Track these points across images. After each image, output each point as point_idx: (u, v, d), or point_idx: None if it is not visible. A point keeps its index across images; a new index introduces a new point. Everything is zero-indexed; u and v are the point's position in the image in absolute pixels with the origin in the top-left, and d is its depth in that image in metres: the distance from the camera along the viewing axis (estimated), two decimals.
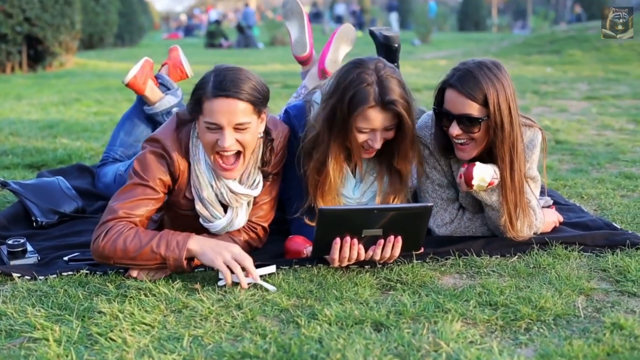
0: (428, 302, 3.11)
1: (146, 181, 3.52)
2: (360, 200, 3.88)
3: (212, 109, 3.36)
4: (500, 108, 3.57)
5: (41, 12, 15.35)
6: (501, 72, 3.61)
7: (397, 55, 4.84)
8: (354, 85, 3.52)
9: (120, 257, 3.34)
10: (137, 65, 4.88)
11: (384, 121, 3.55)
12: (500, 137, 3.63)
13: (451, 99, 3.64)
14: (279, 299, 3.15)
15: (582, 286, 3.30)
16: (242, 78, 3.41)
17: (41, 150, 6.47)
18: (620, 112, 9.47)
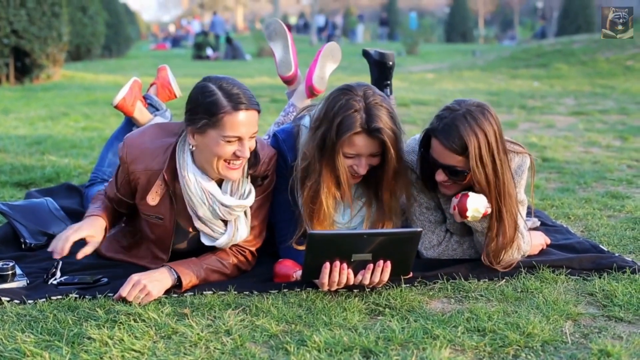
0: (417, 327, 3.12)
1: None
2: (349, 224, 3.89)
3: (235, 122, 3.41)
4: (483, 160, 3.60)
5: (28, 25, 15.33)
6: (485, 118, 3.61)
7: (390, 73, 4.85)
8: (342, 111, 3.56)
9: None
10: (126, 86, 4.87)
11: (369, 147, 3.59)
12: (486, 186, 3.66)
13: (437, 149, 3.67)
14: (268, 325, 3.15)
15: (569, 311, 3.32)
16: (245, 88, 3.51)
17: (29, 168, 6.45)
18: (607, 128, 9.52)
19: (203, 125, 3.45)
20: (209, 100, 3.42)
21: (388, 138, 3.55)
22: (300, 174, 3.74)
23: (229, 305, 3.39)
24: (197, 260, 3.65)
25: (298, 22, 71.71)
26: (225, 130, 3.42)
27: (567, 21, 39.82)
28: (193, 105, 3.49)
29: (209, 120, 3.43)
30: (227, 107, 3.40)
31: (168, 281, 3.51)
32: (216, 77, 3.53)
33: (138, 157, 3.64)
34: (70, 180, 6.05)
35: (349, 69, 23.60)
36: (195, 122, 3.47)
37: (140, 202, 3.75)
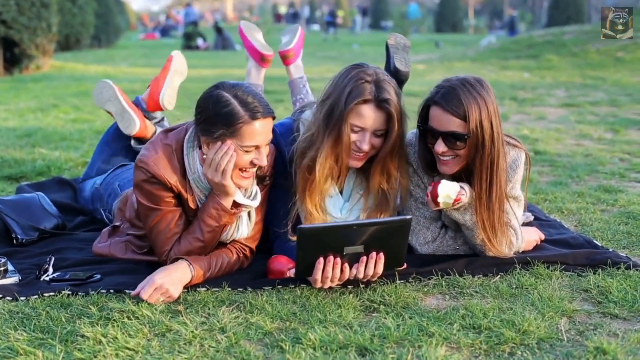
0: (412, 325, 3.11)
1: (158, 206, 3.62)
2: (347, 219, 3.89)
3: (253, 131, 3.40)
4: (482, 125, 3.60)
5: (18, 15, 15.24)
6: (484, 89, 3.64)
7: (401, 86, 4.81)
8: (352, 81, 3.62)
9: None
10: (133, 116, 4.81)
11: (376, 120, 3.61)
12: (480, 153, 3.65)
13: (436, 116, 3.66)
14: (263, 322, 3.14)
15: (564, 308, 3.31)
16: (259, 95, 3.49)
17: (20, 162, 6.42)
18: (598, 120, 9.52)
19: (220, 135, 3.42)
20: (226, 110, 3.39)
21: (395, 111, 3.59)
22: (302, 144, 3.78)
23: (223, 302, 3.38)
24: (208, 258, 3.64)
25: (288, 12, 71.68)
26: (243, 140, 3.41)
27: (557, 11, 39.76)
28: (208, 116, 3.44)
29: (226, 130, 3.40)
30: (245, 116, 3.38)
31: (187, 279, 3.50)
32: (230, 85, 3.48)
33: (166, 170, 3.56)
34: (62, 174, 6.02)
35: (339, 59, 23.65)
36: (211, 132, 3.44)
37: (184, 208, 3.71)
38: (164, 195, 3.60)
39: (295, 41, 5.10)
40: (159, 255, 3.70)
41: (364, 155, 3.71)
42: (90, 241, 4.18)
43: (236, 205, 3.59)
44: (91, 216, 4.73)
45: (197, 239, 3.62)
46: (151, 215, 3.65)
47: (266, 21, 38.84)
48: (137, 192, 3.68)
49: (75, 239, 4.35)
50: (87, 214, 4.77)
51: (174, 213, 3.65)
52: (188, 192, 3.62)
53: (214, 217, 3.57)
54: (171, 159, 3.59)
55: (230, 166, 3.42)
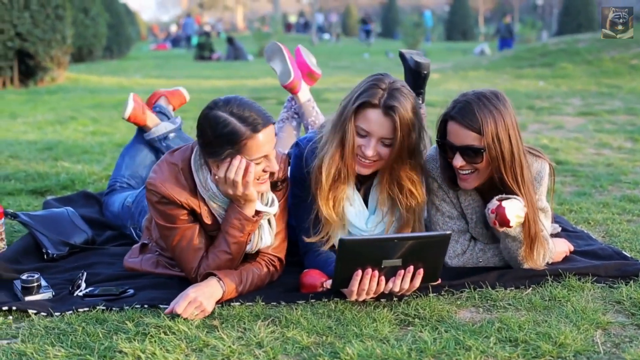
0: (448, 338, 3.11)
1: (175, 225, 3.64)
2: (373, 232, 3.89)
3: (258, 144, 3.41)
4: (499, 138, 3.61)
5: (32, 27, 15.31)
6: (500, 102, 3.65)
7: (424, 82, 4.84)
8: (366, 85, 3.66)
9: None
10: (130, 100, 5.00)
11: (382, 127, 3.63)
12: (502, 167, 3.66)
13: (453, 130, 3.68)
14: (299, 336, 3.15)
15: (598, 320, 3.31)
16: (254, 104, 3.50)
17: (43, 175, 6.44)
18: (617, 128, 9.49)
19: (227, 155, 3.44)
20: (227, 130, 3.40)
21: (401, 120, 3.59)
22: (318, 144, 3.83)
23: (258, 317, 3.39)
24: (238, 273, 3.64)
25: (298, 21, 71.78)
26: (251, 154, 3.42)
27: (568, 18, 39.76)
28: (211, 138, 3.45)
29: (232, 149, 3.42)
30: (247, 132, 3.39)
31: (219, 294, 3.50)
32: (223, 102, 3.47)
33: (174, 189, 3.58)
34: (86, 187, 6.04)
35: (351, 68, 23.65)
36: (218, 154, 3.45)
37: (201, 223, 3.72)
38: (178, 213, 3.63)
39: (291, 68, 5.13)
40: (187, 273, 3.72)
41: (370, 162, 3.73)
42: (120, 256, 4.19)
43: (257, 213, 3.61)
44: (119, 230, 4.75)
45: (224, 252, 3.63)
46: (170, 234, 3.68)
47: (277, 31, 38.87)
48: (153, 213, 3.72)
49: (105, 254, 4.37)
50: (115, 229, 4.78)
51: (192, 229, 3.67)
52: (201, 207, 3.64)
53: (237, 227, 3.58)
54: (178, 178, 3.61)
55: (249, 176, 3.44)
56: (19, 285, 3.64)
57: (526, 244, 3.77)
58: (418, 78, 4.75)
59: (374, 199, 3.93)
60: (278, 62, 5.17)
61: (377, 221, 3.92)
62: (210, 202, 3.63)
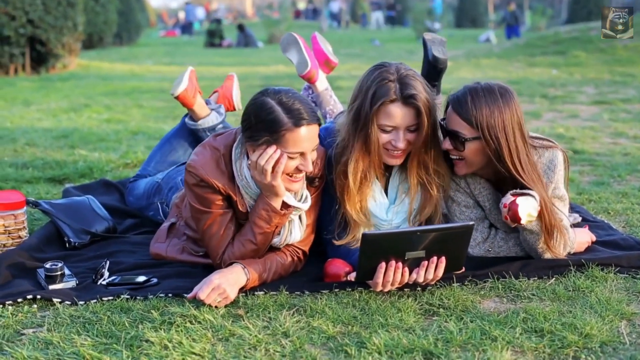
0: (474, 328, 3.12)
1: (209, 209, 3.65)
2: (393, 221, 3.90)
3: (297, 138, 3.41)
4: (495, 132, 3.61)
5: (44, 14, 15.35)
6: (503, 98, 3.64)
7: (440, 76, 4.83)
8: (376, 82, 3.62)
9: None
10: (185, 77, 4.87)
11: (405, 117, 3.62)
12: (503, 161, 3.67)
13: (448, 114, 3.75)
14: (325, 326, 3.15)
15: (623, 310, 3.31)
16: (305, 101, 3.50)
17: (61, 163, 6.46)
18: (632, 117, 9.46)
19: (264, 142, 3.43)
20: (270, 117, 3.40)
21: (422, 105, 3.59)
22: (337, 150, 3.80)
23: (283, 306, 3.39)
24: (262, 261, 3.65)
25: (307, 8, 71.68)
26: (288, 146, 3.41)
27: (578, 6, 39.59)
28: (252, 123, 3.46)
29: (270, 137, 3.41)
30: (289, 123, 3.39)
31: (243, 281, 3.51)
32: (274, 91, 3.49)
33: (213, 174, 3.59)
34: (104, 175, 6.06)
35: (363, 56, 23.61)
36: (255, 139, 3.46)
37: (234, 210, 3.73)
38: (214, 198, 3.62)
39: (308, 58, 5.12)
40: (213, 258, 3.72)
41: (402, 152, 3.72)
42: (142, 244, 4.22)
43: (286, 207, 3.60)
44: (140, 218, 4.76)
45: (249, 241, 3.63)
46: (203, 218, 3.67)
47: (286, 18, 38.79)
48: (189, 195, 3.71)
49: (127, 242, 4.38)
50: (136, 217, 4.79)
51: (225, 216, 3.67)
52: (237, 195, 3.64)
53: (264, 218, 3.58)
54: (219, 162, 3.61)
55: (279, 167, 3.43)
56: (43, 274, 3.65)
57: (544, 236, 3.77)
58: (433, 71, 4.75)
59: (394, 188, 3.92)
60: (294, 52, 5.18)
61: (397, 210, 3.92)
62: (242, 191, 3.63)
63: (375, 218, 3.91)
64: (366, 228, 3.84)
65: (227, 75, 5.37)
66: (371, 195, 3.87)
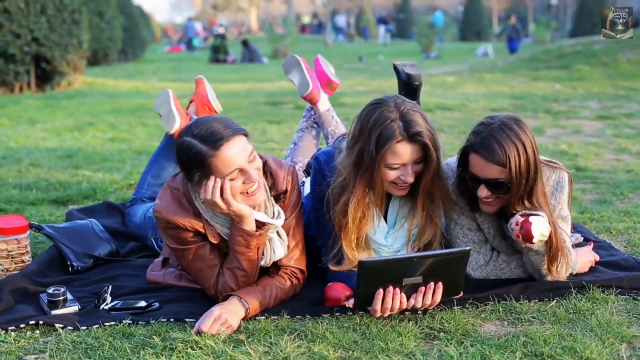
0: (474, 353, 3.13)
1: (186, 246, 3.68)
2: (393, 246, 3.91)
3: (224, 159, 3.39)
4: (521, 167, 3.60)
5: (49, 32, 15.42)
6: (521, 130, 3.64)
7: (417, 93, 4.89)
8: (378, 124, 3.59)
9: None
10: (173, 109, 4.94)
11: (412, 154, 3.61)
12: (526, 187, 3.66)
13: (477, 163, 3.68)
14: (326, 351, 3.16)
15: (623, 333, 3.31)
16: (218, 118, 3.50)
17: (65, 184, 6.48)
18: (635, 133, 9.46)
19: (200, 179, 3.46)
20: (191, 153, 3.41)
21: (429, 140, 3.59)
22: (335, 190, 3.78)
23: (284, 331, 3.40)
24: (260, 288, 3.66)
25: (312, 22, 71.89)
26: (222, 171, 3.42)
27: (582, 19, 39.72)
28: (183, 166, 3.51)
29: (201, 171, 3.43)
30: (208, 151, 3.38)
31: (242, 312, 3.51)
32: (187, 128, 3.50)
33: (178, 214, 3.62)
34: (107, 197, 6.08)
35: (367, 71, 23.64)
36: (192, 178, 3.49)
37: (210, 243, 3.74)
38: (186, 235, 3.66)
39: (309, 79, 5.15)
40: (207, 291, 3.74)
41: (408, 185, 3.73)
42: (144, 267, 4.22)
43: (260, 226, 3.62)
44: (142, 242, 4.78)
45: (237, 269, 3.64)
46: (184, 255, 3.71)
47: (291, 32, 38.86)
48: (164, 237, 3.76)
49: (129, 266, 4.39)
50: (138, 240, 4.81)
51: (204, 248, 3.69)
52: (206, 228, 3.66)
53: (242, 244, 3.59)
54: (181, 201, 3.64)
55: (226, 194, 3.43)
56: (45, 299, 3.66)
57: (548, 258, 3.78)
58: (410, 89, 4.82)
59: (393, 213, 3.93)
60: (296, 73, 5.21)
61: (397, 235, 3.93)
62: (213, 223, 3.65)
63: (375, 244, 3.92)
64: (365, 254, 3.85)
65: (195, 80, 5.37)
66: (371, 226, 3.89)
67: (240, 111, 12.02)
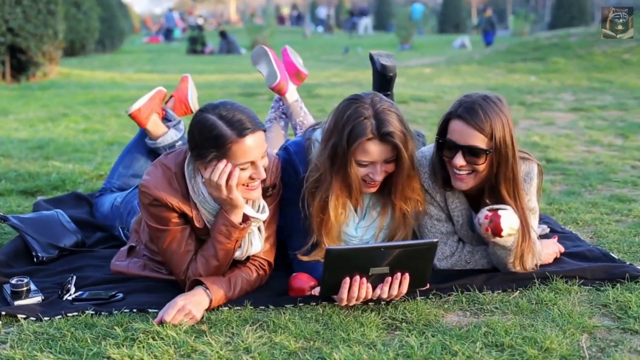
0: (435, 343, 3.13)
1: (166, 227, 3.66)
2: (363, 238, 3.91)
3: (244, 149, 3.42)
4: (505, 142, 3.62)
5: (24, 23, 15.32)
6: (504, 106, 3.67)
7: (391, 85, 4.90)
8: (352, 120, 3.59)
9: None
10: (146, 97, 4.88)
11: (382, 153, 3.61)
12: (503, 170, 3.68)
13: (457, 129, 3.67)
14: (287, 342, 3.16)
15: (584, 324, 3.33)
16: (246, 109, 3.51)
17: (34, 175, 6.45)
18: (607, 125, 9.52)
19: (213, 159, 3.45)
20: (213, 133, 3.42)
21: (400, 141, 3.58)
22: (311, 185, 3.77)
23: (246, 321, 3.40)
24: (227, 280, 3.65)
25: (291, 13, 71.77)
26: (237, 158, 3.43)
27: (561, 11, 39.78)
28: (198, 141, 3.48)
29: (217, 152, 3.43)
30: (233, 135, 3.40)
31: (206, 302, 3.51)
32: (213, 106, 3.50)
33: (166, 192, 3.60)
34: (76, 188, 6.06)
35: (344, 62, 23.65)
36: (204, 156, 3.47)
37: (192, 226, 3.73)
38: (169, 215, 3.64)
39: (277, 70, 5.15)
40: (176, 275, 3.73)
41: (378, 183, 3.73)
42: (110, 258, 4.20)
43: (245, 220, 3.61)
44: (109, 232, 4.76)
45: (212, 257, 3.64)
46: (162, 236, 3.69)
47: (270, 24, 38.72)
48: (145, 215, 3.73)
49: (95, 256, 4.38)
50: (105, 230, 4.80)
51: (184, 232, 3.68)
52: (193, 211, 3.65)
53: (224, 234, 3.59)
54: (171, 181, 3.63)
55: (233, 181, 3.45)
56: (9, 289, 3.65)
57: (517, 253, 3.80)
58: (384, 80, 4.84)
59: (364, 205, 3.94)
60: (264, 64, 5.21)
61: (367, 225, 3.94)
62: (200, 207, 3.64)
63: (346, 235, 3.92)
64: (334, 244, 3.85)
65: (181, 77, 5.36)
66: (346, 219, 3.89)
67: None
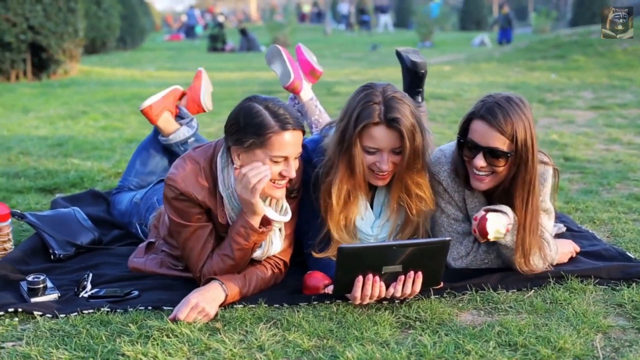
0: (448, 342, 3.13)
1: (189, 222, 3.67)
2: (378, 236, 3.91)
3: (282, 142, 3.45)
4: (527, 145, 3.61)
5: (45, 20, 15.39)
6: (527, 108, 3.66)
7: (422, 81, 4.89)
8: (361, 104, 3.64)
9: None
10: (160, 94, 4.90)
11: (389, 141, 3.63)
12: (523, 173, 3.67)
13: (479, 130, 3.67)
14: (300, 340, 3.17)
15: (599, 323, 3.32)
16: (291, 108, 3.55)
17: (53, 173, 6.49)
18: (627, 123, 9.46)
19: (250, 145, 3.46)
20: (257, 120, 3.45)
21: (405, 129, 3.59)
22: (322, 169, 3.80)
23: (260, 319, 3.41)
24: (242, 276, 3.67)
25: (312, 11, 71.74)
26: (273, 150, 3.45)
27: (582, 9, 39.55)
28: (240, 126, 3.49)
29: (256, 139, 3.45)
30: (275, 126, 3.43)
31: (221, 298, 3.52)
32: (261, 98, 3.55)
33: (193, 187, 3.62)
34: (94, 185, 6.09)
35: (364, 60, 23.61)
36: (242, 142, 3.48)
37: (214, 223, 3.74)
38: (193, 211, 3.65)
39: (291, 69, 5.15)
40: (193, 271, 3.75)
41: (387, 174, 3.73)
42: (126, 256, 4.22)
43: (267, 223, 3.61)
44: (126, 230, 4.78)
45: (227, 257, 3.65)
46: (182, 231, 3.70)
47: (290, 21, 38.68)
48: (168, 209, 3.73)
49: (111, 254, 4.40)
50: (122, 228, 4.83)
51: (205, 229, 3.69)
52: (218, 207, 3.66)
53: (242, 235, 3.59)
54: (199, 175, 3.64)
55: (260, 185, 3.44)
56: (25, 286, 3.68)
57: (519, 253, 3.79)
58: (415, 77, 4.82)
59: (379, 203, 3.95)
60: (278, 64, 5.21)
61: (382, 225, 3.94)
62: (226, 202, 3.65)
63: (362, 233, 3.93)
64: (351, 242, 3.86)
65: (196, 72, 5.33)
66: (358, 212, 3.89)
67: (234, 100, 11.91)
